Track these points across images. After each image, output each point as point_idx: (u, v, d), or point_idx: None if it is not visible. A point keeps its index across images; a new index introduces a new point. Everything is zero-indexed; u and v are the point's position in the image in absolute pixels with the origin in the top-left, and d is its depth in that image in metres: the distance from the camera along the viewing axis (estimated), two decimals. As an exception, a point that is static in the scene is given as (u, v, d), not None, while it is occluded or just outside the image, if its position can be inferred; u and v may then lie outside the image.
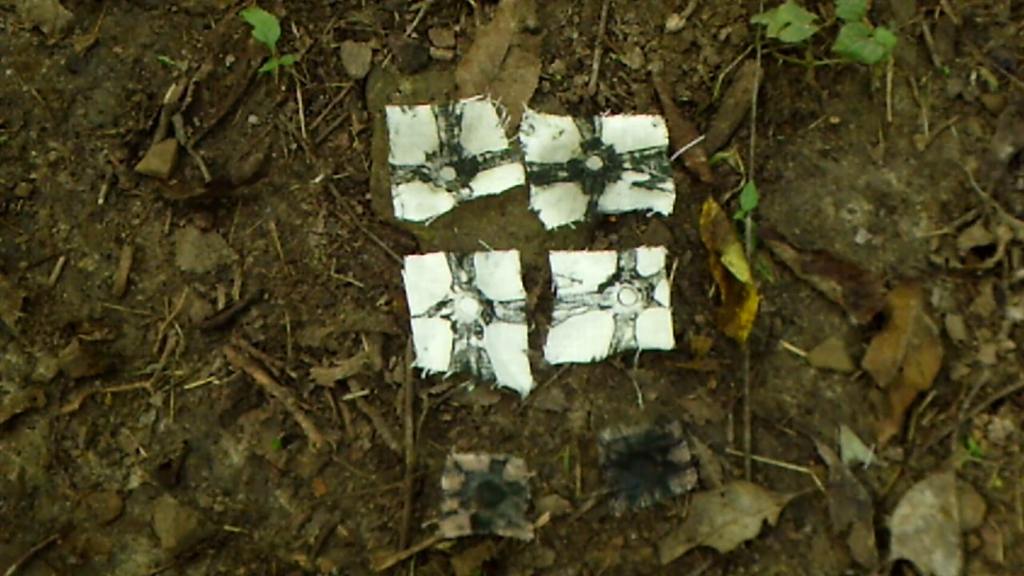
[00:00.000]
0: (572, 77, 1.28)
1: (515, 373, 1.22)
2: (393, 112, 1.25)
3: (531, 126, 1.25)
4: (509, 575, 1.21)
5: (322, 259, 1.26)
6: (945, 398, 1.22)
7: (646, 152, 1.25)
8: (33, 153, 1.30)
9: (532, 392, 1.22)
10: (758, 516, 1.19)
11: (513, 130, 1.26)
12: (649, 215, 1.25)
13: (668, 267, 1.24)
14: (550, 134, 1.25)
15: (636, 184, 1.24)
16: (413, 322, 1.23)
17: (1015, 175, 1.25)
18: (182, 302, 1.26)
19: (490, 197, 1.24)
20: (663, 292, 1.23)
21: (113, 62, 1.31)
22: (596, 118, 1.25)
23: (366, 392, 1.24)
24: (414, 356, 1.22)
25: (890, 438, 1.21)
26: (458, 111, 1.25)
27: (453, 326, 1.22)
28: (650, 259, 1.23)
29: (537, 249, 1.25)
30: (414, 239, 1.26)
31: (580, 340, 1.22)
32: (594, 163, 1.25)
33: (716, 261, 1.22)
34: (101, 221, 1.29)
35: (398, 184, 1.25)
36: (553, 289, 1.24)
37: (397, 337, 1.24)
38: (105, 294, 1.27)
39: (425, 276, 1.23)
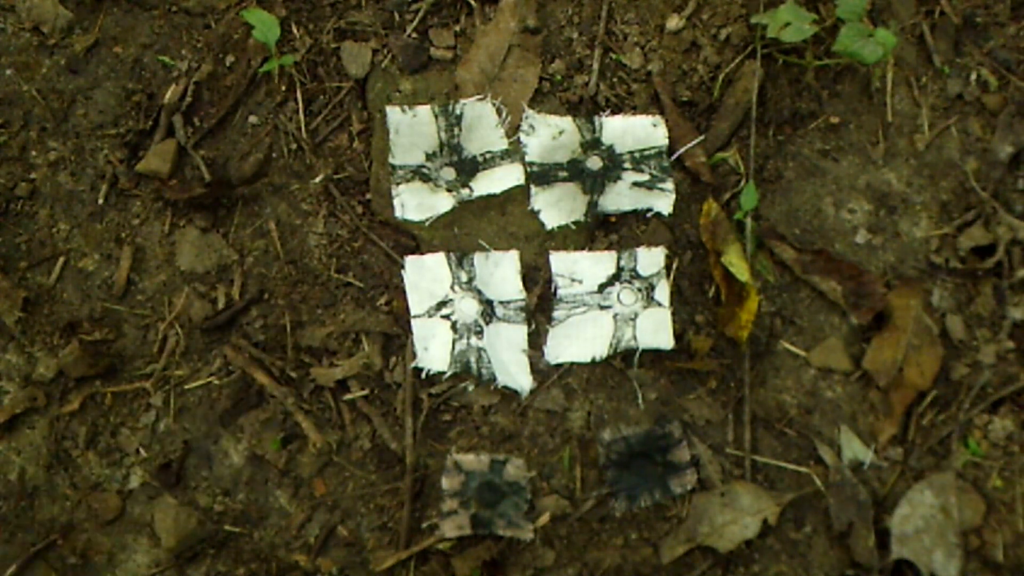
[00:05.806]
0: (572, 77, 1.28)
1: (515, 373, 1.22)
2: (393, 112, 1.25)
3: (531, 126, 1.25)
4: (509, 575, 1.21)
5: (322, 259, 1.26)
6: (945, 398, 1.22)
7: (646, 152, 1.25)
8: (33, 153, 1.30)
9: (532, 392, 1.22)
10: (758, 516, 1.19)
11: (513, 130, 1.26)
12: (649, 215, 1.25)
13: (668, 267, 1.24)
14: (550, 134, 1.25)
15: (636, 184, 1.24)
16: (413, 322, 1.23)
17: (1015, 175, 1.25)
18: (182, 302, 1.26)
19: (490, 197, 1.24)
20: (663, 292, 1.23)
21: (113, 62, 1.31)
22: (596, 118, 1.25)
23: (366, 392, 1.24)
24: (414, 356, 1.22)
25: (890, 438, 1.21)
26: (458, 111, 1.25)
27: (453, 326, 1.22)
28: (650, 259, 1.23)
29: (537, 249, 1.25)
30: (414, 239, 1.26)
31: (580, 340, 1.22)
32: (594, 163, 1.25)
33: (716, 261, 1.22)
34: (101, 221, 1.29)
35: (398, 184, 1.25)
36: (553, 289, 1.24)
37: (397, 337, 1.24)
38: (105, 294, 1.27)
39: (425, 276, 1.23)
